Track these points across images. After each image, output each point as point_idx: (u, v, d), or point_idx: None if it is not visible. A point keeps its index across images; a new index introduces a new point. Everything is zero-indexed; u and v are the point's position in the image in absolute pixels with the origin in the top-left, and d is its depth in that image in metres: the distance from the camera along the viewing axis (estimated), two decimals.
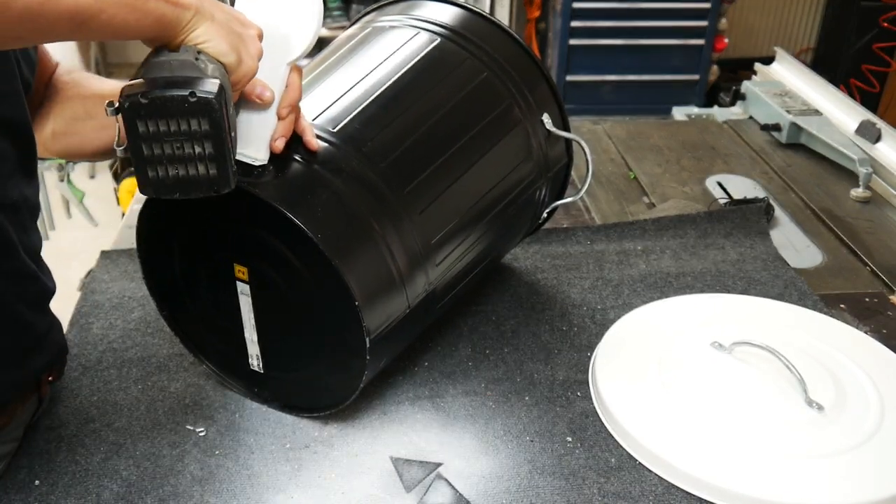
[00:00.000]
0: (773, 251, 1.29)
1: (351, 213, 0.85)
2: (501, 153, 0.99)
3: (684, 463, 0.87)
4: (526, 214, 1.08)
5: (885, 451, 0.89)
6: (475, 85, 0.99)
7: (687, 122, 1.87)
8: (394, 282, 0.87)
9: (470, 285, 1.05)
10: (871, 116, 1.64)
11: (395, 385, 0.99)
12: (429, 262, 0.91)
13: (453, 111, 0.96)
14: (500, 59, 1.01)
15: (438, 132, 0.95)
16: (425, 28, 1.01)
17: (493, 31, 1.04)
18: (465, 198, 0.96)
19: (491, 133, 0.98)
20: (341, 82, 0.96)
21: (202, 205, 0.79)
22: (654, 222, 1.34)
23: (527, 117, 1.02)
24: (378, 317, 0.85)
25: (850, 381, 0.98)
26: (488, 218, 0.99)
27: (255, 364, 0.95)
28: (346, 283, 0.81)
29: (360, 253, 0.84)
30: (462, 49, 1.00)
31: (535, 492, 0.85)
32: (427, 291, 0.92)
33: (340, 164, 0.87)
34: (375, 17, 1.08)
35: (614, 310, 1.14)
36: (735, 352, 1.01)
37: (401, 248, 0.87)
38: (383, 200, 0.87)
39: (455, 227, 0.94)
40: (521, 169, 1.02)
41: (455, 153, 0.95)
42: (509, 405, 0.97)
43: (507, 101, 1.00)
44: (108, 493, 0.84)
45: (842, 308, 1.17)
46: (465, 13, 1.04)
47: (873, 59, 3.86)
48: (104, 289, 1.15)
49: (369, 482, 0.86)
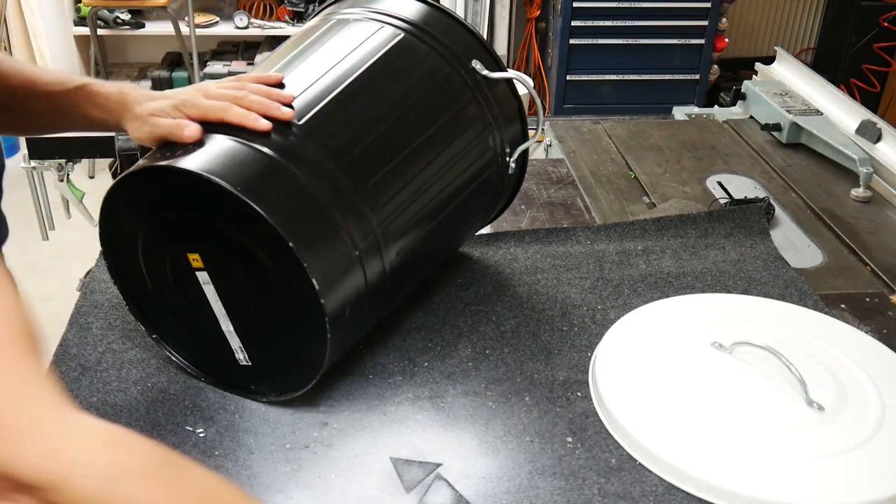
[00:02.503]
0: (774, 251, 1.29)
1: (300, 186, 0.87)
2: (451, 120, 1.03)
3: (685, 463, 0.87)
4: (485, 166, 1.08)
5: (885, 451, 0.89)
6: (412, 60, 1.02)
7: (687, 122, 1.86)
8: (348, 251, 0.89)
9: (441, 248, 1.09)
10: (872, 116, 1.64)
11: (395, 385, 0.99)
12: (386, 229, 0.93)
13: (392, 87, 1.00)
14: (431, 31, 1.04)
15: (382, 109, 0.98)
16: (386, 21, 1.04)
17: (422, 9, 1.06)
18: (408, 152, 0.98)
19: (438, 103, 1.02)
20: (305, 75, 0.97)
21: (154, 202, 0.83)
22: (654, 222, 1.34)
23: (465, 76, 1.04)
24: (331, 278, 0.87)
25: (851, 381, 0.98)
26: (444, 180, 1.01)
27: (241, 357, 0.95)
28: (283, 237, 0.82)
29: (309, 222, 0.87)
30: (394, 28, 1.03)
31: (535, 492, 0.85)
32: (384, 258, 0.94)
33: (300, 153, 0.89)
34: (336, 9, 1.10)
35: (614, 310, 1.14)
36: (735, 352, 1.00)
37: (354, 222, 0.90)
38: (331, 177, 0.90)
39: (411, 195, 0.97)
40: (464, 117, 1.04)
41: (402, 129, 0.99)
42: (509, 405, 0.97)
43: (444, 68, 1.03)
44: None
45: (842, 308, 1.17)
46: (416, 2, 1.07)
47: (873, 59, 3.86)
48: (104, 289, 1.15)
49: (369, 482, 0.86)
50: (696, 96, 3.63)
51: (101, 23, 3.82)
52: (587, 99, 3.64)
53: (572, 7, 3.46)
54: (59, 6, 3.86)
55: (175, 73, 3.98)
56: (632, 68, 3.60)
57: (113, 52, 4.24)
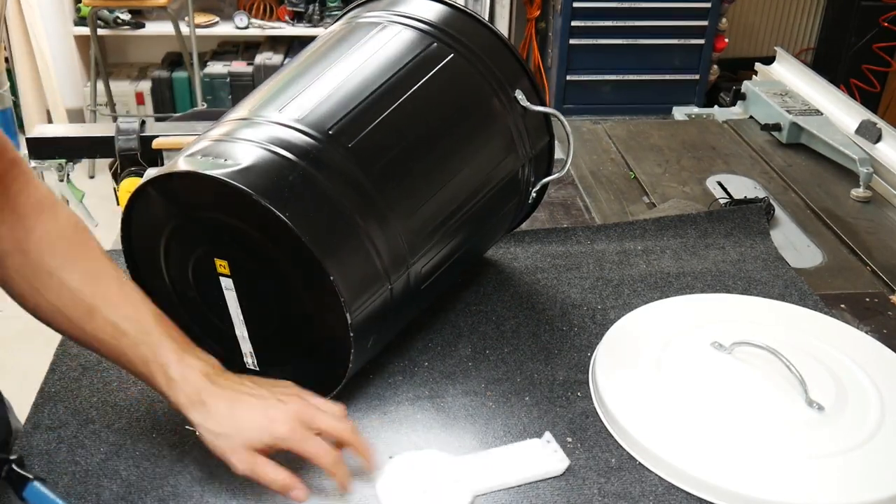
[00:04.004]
0: (774, 251, 1.29)
1: (332, 204, 0.86)
2: (480, 133, 1.02)
3: (684, 463, 0.87)
4: (510, 195, 1.09)
5: (885, 451, 0.89)
6: (455, 78, 1.01)
7: (687, 122, 1.86)
8: (375, 269, 0.88)
9: (454, 276, 1.07)
10: (872, 116, 1.64)
11: (395, 385, 0.99)
12: (412, 249, 0.93)
13: (433, 105, 0.99)
14: (476, 50, 1.03)
15: (421, 128, 0.97)
16: (408, 25, 1.02)
17: (468, 23, 1.05)
18: (446, 180, 0.98)
19: (467, 114, 1.01)
20: (329, 81, 0.96)
21: (185, 203, 0.80)
22: (654, 222, 1.34)
23: (504, 102, 1.03)
24: (359, 302, 0.87)
25: (851, 381, 0.98)
26: (472, 204, 1.01)
27: (249, 362, 0.95)
28: (326, 270, 0.82)
29: (342, 244, 0.86)
30: (441, 43, 1.01)
31: (535, 492, 0.85)
32: (409, 277, 0.93)
33: (326, 160, 0.88)
34: (359, 13, 1.09)
35: (614, 310, 1.14)
36: (735, 352, 1.00)
37: (382, 238, 0.89)
38: (358, 184, 0.89)
39: (437, 216, 0.96)
40: (501, 147, 1.04)
41: (433, 138, 0.97)
42: (509, 405, 0.97)
43: (486, 91, 1.02)
44: (108, 493, 0.84)
45: (842, 308, 1.17)
46: (444, 7, 1.06)
47: (873, 59, 3.86)
48: None
49: (369, 482, 0.86)
50: (696, 96, 3.63)
51: (101, 23, 3.82)
52: (587, 99, 3.63)
53: (572, 7, 3.46)
54: (59, 6, 3.85)
55: (175, 73, 3.98)
56: (632, 68, 3.59)
57: (113, 52, 4.24)
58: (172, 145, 1.60)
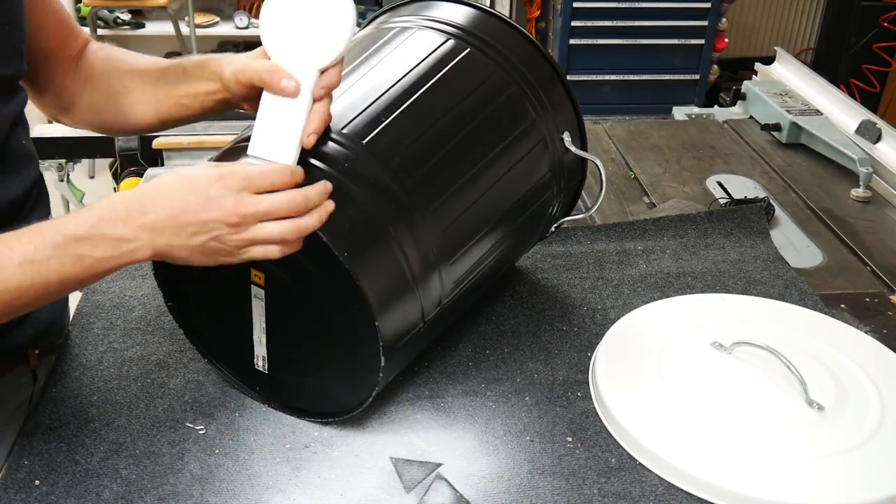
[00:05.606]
0: (774, 251, 1.29)
1: (374, 228, 0.85)
2: (523, 171, 1.00)
3: (684, 463, 0.87)
4: (537, 230, 1.10)
5: (885, 451, 0.89)
6: (502, 99, 0.98)
7: (687, 122, 1.86)
8: (413, 299, 0.87)
9: (477, 299, 1.07)
10: (872, 116, 1.64)
11: (395, 385, 0.99)
12: (446, 280, 0.91)
13: (479, 125, 0.96)
14: (525, 72, 1.00)
15: (463, 145, 0.94)
16: (450, 33, 0.99)
17: (518, 40, 1.02)
18: (486, 217, 0.96)
19: (514, 150, 0.98)
20: (367, 90, 0.93)
21: None
22: (654, 222, 1.34)
23: (548, 133, 1.02)
24: (395, 333, 0.86)
25: (851, 381, 0.98)
26: (503, 237, 1.00)
27: (259, 365, 0.95)
28: (366, 300, 0.81)
29: (381, 268, 0.84)
30: (488, 58, 0.98)
31: (535, 492, 0.85)
32: (441, 310, 0.92)
33: (367, 177, 0.86)
34: (389, 17, 1.06)
35: (614, 310, 1.14)
36: (735, 352, 1.00)
37: (420, 264, 0.87)
38: (406, 213, 0.87)
39: (473, 246, 0.95)
40: (538, 186, 1.03)
41: (479, 171, 0.95)
42: (509, 405, 0.97)
43: (531, 117, 1.00)
44: (108, 492, 0.84)
45: (842, 308, 1.17)
46: (491, 18, 1.03)
47: (873, 59, 3.86)
48: (105, 288, 1.15)
49: (369, 482, 0.86)
50: (696, 96, 3.63)
51: (101, 23, 3.82)
52: (587, 99, 3.62)
53: (572, 7, 3.46)
54: None
55: None
56: (632, 68, 3.60)
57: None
58: (172, 145, 1.60)
